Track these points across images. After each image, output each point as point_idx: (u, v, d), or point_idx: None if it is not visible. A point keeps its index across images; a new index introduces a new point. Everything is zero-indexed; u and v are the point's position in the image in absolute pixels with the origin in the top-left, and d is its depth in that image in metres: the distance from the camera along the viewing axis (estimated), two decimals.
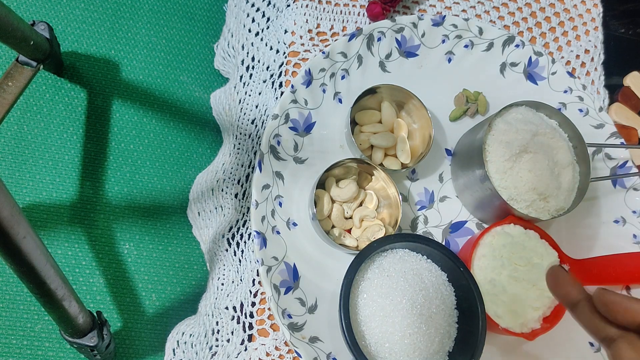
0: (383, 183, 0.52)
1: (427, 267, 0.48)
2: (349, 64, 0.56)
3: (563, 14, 0.66)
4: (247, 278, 0.53)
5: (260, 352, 0.48)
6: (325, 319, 0.49)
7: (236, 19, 0.74)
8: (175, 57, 1.00)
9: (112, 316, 0.84)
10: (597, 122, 0.60)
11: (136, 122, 0.94)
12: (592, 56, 0.65)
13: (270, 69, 0.61)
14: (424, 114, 0.53)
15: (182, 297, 0.88)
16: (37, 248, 0.49)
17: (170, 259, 0.89)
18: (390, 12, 0.60)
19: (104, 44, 0.97)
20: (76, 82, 0.94)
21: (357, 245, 0.50)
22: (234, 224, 0.61)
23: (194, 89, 0.99)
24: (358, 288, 0.46)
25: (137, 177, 0.92)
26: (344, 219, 0.51)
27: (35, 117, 0.91)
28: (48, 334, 0.81)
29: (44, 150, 0.90)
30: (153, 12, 1.02)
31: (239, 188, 0.62)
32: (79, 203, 0.88)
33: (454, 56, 0.59)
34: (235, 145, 0.66)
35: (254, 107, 0.63)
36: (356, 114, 0.55)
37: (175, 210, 0.91)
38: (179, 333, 0.66)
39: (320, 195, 0.51)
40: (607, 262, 0.52)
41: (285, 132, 0.52)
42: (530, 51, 0.60)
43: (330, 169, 0.50)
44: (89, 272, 0.85)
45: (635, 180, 0.59)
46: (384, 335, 0.44)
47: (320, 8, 0.60)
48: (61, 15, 0.97)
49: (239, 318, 0.52)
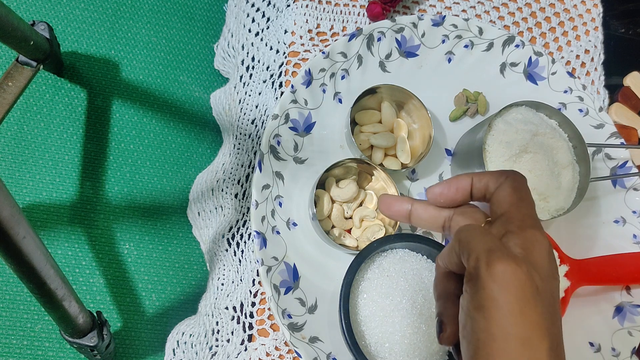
0: (383, 183, 0.52)
1: (427, 267, 0.48)
2: (349, 64, 0.56)
3: (563, 14, 0.66)
4: (247, 278, 0.53)
5: (260, 352, 0.48)
6: (325, 319, 0.49)
7: (236, 19, 0.74)
8: (175, 57, 1.00)
9: (112, 316, 0.84)
10: (597, 122, 0.60)
11: (136, 122, 0.95)
12: (592, 56, 0.65)
13: (270, 69, 0.61)
14: (424, 114, 0.53)
15: (182, 297, 0.88)
16: (37, 248, 0.49)
17: (170, 259, 0.89)
18: (390, 12, 0.60)
19: (104, 44, 0.97)
20: (76, 82, 0.94)
21: (357, 245, 0.50)
22: (234, 224, 0.61)
23: (194, 89, 0.99)
24: (358, 288, 0.46)
25: (137, 177, 0.92)
26: (344, 219, 0.52)
27: (35, 117, 0.91)
28: (48, 334, 0.81)
29: (44, 150, 0.90)
30: (153, 12, 1.02)
31: (239, 188, 0.62)
32: (79, 203, 0.88)
33: (454, 56, 0.59)
34: (235, 145, 0.66)
35: (254, 107, 0.63)
36: (356, 114, 0.55)
37: (175, 210, 0.91)
38: (179, 333, 0.66)
39: (320, 195, 0.51)
40: (607, 262, 0.52)
41: (285, 132, 0.52)
42: (530, 51, 0.60)
43: (330, 169, 0.50)
44: (89, 272, 0.85)
45: (635, 180, 0.59)
46: (384, 335, 0.44)
47: (320, 8, 0.60)
48: (61, 15, 0.97)
49: (239, 318, 0.52)
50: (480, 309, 0.26)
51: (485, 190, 0.31)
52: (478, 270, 0.26)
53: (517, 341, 0.25)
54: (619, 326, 0.53)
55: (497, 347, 0.25)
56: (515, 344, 0.25)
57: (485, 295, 0.26)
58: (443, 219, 0.33)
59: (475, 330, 0.26)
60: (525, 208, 0.29)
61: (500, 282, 0.26)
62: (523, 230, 0.28)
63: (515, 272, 0.26)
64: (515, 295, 0.25)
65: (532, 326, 0.25)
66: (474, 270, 0.27)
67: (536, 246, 0.27)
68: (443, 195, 0.33)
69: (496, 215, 0.30)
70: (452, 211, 0.33)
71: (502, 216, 0.29)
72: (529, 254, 0.27)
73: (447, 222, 0.33)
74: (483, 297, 0.26)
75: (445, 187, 0.33)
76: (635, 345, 0.53)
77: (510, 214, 0.29)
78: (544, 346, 0.25)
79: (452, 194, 0.32)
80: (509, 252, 0.27)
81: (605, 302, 0.54)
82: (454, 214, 0.33)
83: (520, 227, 0.28)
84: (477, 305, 0.26)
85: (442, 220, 0.33)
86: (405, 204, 0.35)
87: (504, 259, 0.26)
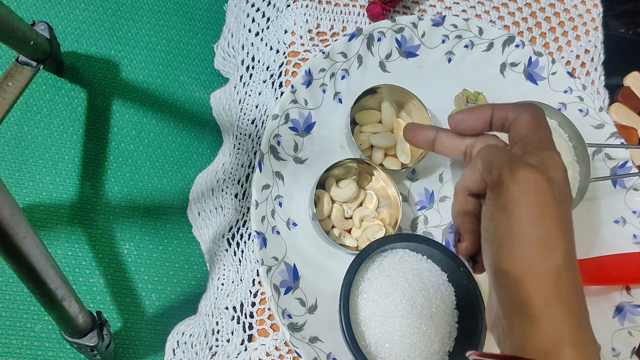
0: (383, 183, 0.52)
1: (428, 267, 0.48)
2: (349, 64, 0.56)
3: (563, 14, 0.66)
4: (247, 278, 0.53)
5: (260, 352, 0.48)
6: (325, 319, 0.49)
7: (236, 19, 0.74)
8: (175, 57, 1.00)
9: (112, 316, 0.84)
10: (597, 122, 0.60)
11: (136, 122, 0.95)
12: (592, 56, 0.65)
13: (270, 69, 0.61)
14: (424, 114, 0.53)
15: (182, 297, 0.88)
16: (37, 248, 0.49)
17: (170, 259, 0.89)
18: (390, 12, 0.60)
19: (104, 44, 0.97)
20: (76, 82, 0.94)
21: (357, 245, 0.50)
22: (234, 224, 0.61)
23: (194, 89, 0.99)
24: (358, 288, 0.46)
25: (137, 177, 0.92)
26: (344, 219, 0.51)
27: (35, 117, 0.91)
28: (48, 334, 0.81)
29: (44, 150, 0.90)
30: (153, 12, 1.02)
31: (239, 188, 0.62)
32: (79, 203, 0.88)
33: (454, 56, 0.59)
34: (235, 145, 0.66)
35: (254, 107, 0.63)
36: (356, 114, 0.55)
37: (175, 210, 0.91)
38: (179, 333, 0.66)
39: (320, 195, 0.51)
40: (607, 262, 0.52)
41: (285, 132, 0.52)
42: (530, 51, 0.60)
43: (330, 169, 0.50)
44: (89, 272, 0.85)
45: (635, 180, 0.59)
46: (384, 336, 0.44)
47: (320, 8, 0.60)
48: (61, 15, 0.97)
49: (239, 318, 0.52)
50: (503, 210, 0.27)
51: (504, 120, 0.33)
52: (501, 177, 0.28)
53: (537, 240, 0.26)
54: (619, 326, 0.53)
55: (517, 244, 0.27)
56: (535, 243, 0.26)
57: (508, 197, 0.27)
58: (465, 146, 0.35)
59: (497, 231, 0.28)
60: (543, 133, 0.31)
61: (522, 185, 0.27)
62: (541, 150, 0.30)
63: (537, 178, 0.27)
64: (537, 198, 0.27)
65: (551, 228, 0.27)
66: (497, 179, 0.28)
67: (553, 164, 0.29)
68: (464, 122, 0.34)
69: (514, 141, 0.32)
70: (474, 139, 0.35)
71: (521, 140, 0.31)
72: (547, 170, 0.28)
73: (468, 149, 0.35)
74: (506, 198, 0.27)
75: (467, 114, 0.34)
76: (635, 345, 0.53)
77: (529, 137, 0.31)
78: (561, 248, 0.27)
79: (472, 120, 0.34)
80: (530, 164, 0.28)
81: (605, 302, 0.54)
82: (475, 142, 0.35)
83: (538, 148, 0.30)
84: (500, 207, 0.28)
85: (464, 147, 0.35)
86: (430, 131, 0.37)
87: (526, 166, 0.27)
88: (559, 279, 0.26)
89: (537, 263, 0.26)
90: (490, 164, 0.29)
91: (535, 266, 0.26)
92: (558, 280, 0.26)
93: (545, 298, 0.26)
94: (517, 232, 0.27)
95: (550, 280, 0.26)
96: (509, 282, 0.27)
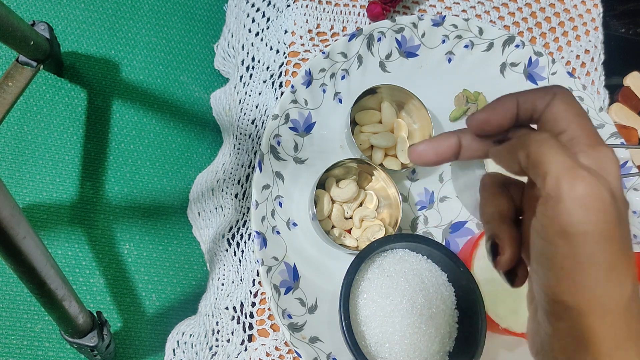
0: (383, 183, 0.52)
1: (428, 267, 0.48)
2: (349, 64, 0.56)
3: (563, 14, 0.66)
4: (247, 278, 0.53)
5: (260, 352, 0.48)
6: (325, 319, 0.48)
7: (236, 19, 0.74)
8: (175, 57, 1.00)
9: (112, 316, 0.84)
10: (597, 122, 0.60)
11: (136, 122, 0.94)
12: (592, 56, 0.65)
13: (270, 69, 0.61)
14: (424, 114, 0.53)
15: (182, 297, 0.88)
16: (37, 248, 0.49)
17: (170, 259, 0.89)
18: (390, 12, 0.60)
19: (104, 44, 0.97)
20: (76, 82, 0.94)
21: (357, 245, 0.50)
22: (234, 224, 0.61)
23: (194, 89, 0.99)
24: (358, 288, 0.46)
25: (137, 177, 0.92)
26: (344, 219, 0.51)
27: (35, 117, 0.91)
28: (48, 334, 0.81)
29: (44, 150, 0.90)
30: (153, 12, 1.02)
31: (239, 188, 0.62)
32: (79, 203, 0.88)
33: (454, 56, 0.59)
34: (235, 145, 0.66)
35: (254, 107, 0.63)
36: (356, 114, 0.55)
37: (175, 210, 0.91)
38: (179, 333, 0.66)
39: (320, 196, 0.51)
40: None
41: (285, 132, 0.52)
42: (531, 51, 0.60)
43: (330, 169, 0.50)
44: (89, 272, 0.85)
45: (635, 180, 0.59)
46: (384, 336, 0.44)
47: (320, 8, 0.60)
48: (61, 15, 0.97)
49: (239, 318, 0.52)
50: (564, 235, 0.24)
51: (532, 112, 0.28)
52: (559, 192, 0.24)
53: (605, 270, 0.24)
54: None
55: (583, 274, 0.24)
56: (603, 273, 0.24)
57: (569, 220, 0.24)
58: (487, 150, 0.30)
59: (558, 257, 0.24)
60: (586, 124, 0.26)
61: (586, 206, 0.23)
62: (594, 148, 0.25)
63: (601, 194, 0.23)
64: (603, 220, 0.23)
65: (618, 253, 0.24)
66: (553, 192, 0.24)
67: (609, 165, 0.25)
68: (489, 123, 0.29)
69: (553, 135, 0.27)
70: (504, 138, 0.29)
71: (562, 135, 0.27)
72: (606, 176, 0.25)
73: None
74: (567, 221, 0.24)
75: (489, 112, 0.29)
76: None
77: (572, 131, 0.26)
78: (629, 274, 0.24)
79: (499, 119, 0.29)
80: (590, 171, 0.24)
81: None
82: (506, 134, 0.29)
83: (589, 146, 0.26)
84: (560, 231, 0.24)
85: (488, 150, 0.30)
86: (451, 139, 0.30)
87: (587, 177, 0.23)
88: (629, 312, 0.24)
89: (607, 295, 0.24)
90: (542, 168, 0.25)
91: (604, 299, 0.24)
92: (628, 314, 0.24)
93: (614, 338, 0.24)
94: (582, 261, 0.24)
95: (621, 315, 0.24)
96: (570, 316, 0.24)
